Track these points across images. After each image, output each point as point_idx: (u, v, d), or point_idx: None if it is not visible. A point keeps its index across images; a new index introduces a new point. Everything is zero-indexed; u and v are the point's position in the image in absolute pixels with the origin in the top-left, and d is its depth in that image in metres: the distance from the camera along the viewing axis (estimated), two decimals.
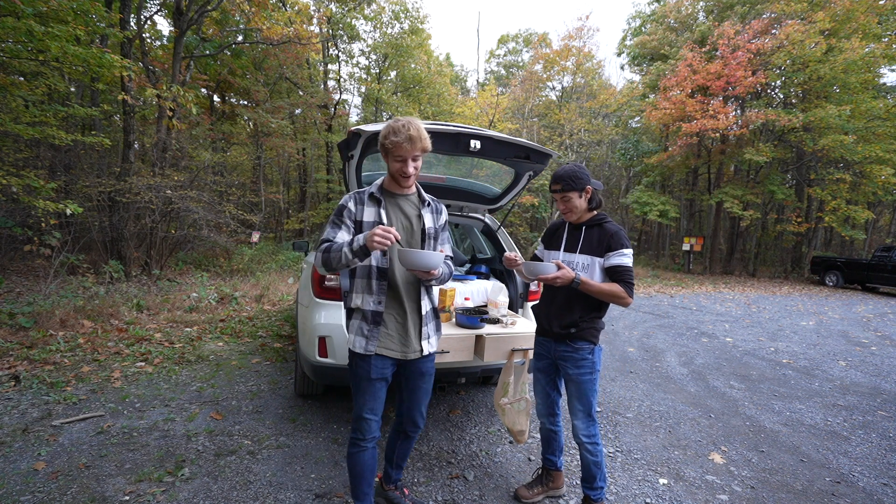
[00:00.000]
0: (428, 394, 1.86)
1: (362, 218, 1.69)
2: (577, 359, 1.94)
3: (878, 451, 2.86)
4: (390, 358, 1.72)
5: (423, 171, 3.16)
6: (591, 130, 18.24)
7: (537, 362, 2.16)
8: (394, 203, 1.75)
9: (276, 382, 3.51)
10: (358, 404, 1.73)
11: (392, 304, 1.72)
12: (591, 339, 1.94)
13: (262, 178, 14.73)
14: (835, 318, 7.98)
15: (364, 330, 1.69)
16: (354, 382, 1.73)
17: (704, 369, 4.49)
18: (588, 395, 1.96)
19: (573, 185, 1.89)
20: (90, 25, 5.19)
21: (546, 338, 2.08)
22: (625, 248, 1.87)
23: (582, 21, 22.88)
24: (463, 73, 28.92)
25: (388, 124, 1.61)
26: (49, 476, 2.15)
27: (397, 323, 1.72)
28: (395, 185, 1.74)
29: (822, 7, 13.09)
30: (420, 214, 1.78)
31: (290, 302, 6.56)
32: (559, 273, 1.81)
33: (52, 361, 3.63)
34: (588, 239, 1.94)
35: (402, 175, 1.66)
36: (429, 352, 1.79)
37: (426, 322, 1.78)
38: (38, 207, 4.83)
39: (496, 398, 2.27)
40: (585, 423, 1.98)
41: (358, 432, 1.74)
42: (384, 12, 15.42)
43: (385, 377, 1.73)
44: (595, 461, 1.99)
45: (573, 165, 1.93)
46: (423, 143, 1.60)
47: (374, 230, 1.45)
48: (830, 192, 13.89)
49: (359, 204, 1.72)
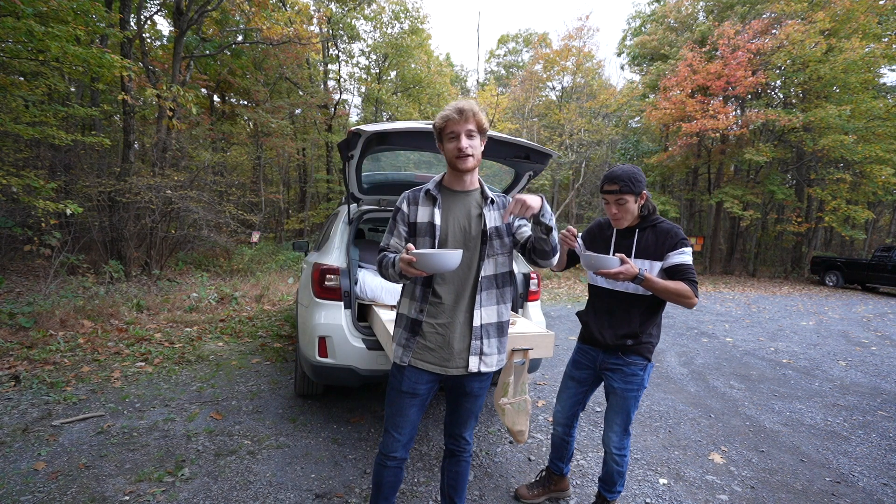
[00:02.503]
0: (473, 416, 1.67)
1: (416, 219, 1.55)
2: (628, 374, 1.81)
3: (878, 451, 2.86)
4: (427, 372, 1.54)
5: (423, 170, 3.17)
6: (591, 130, 18.22)
7: (574, 370, 2.02)
8: (452, 201, 1.57)
9: (276, 382, 3.51)
10: (388, 417, 1.60)
11: (435, 314, 1.54)
12: (646, 354, 1.81)
13: (262, 178, 14.74)
14: (835, 318, 7.98)
15: (402, 339, 1.57)
16: (390, 393, 1.60)
17: (704, 369, 4.49)
18: (630, 411, 1.86)
19: (632, 188, 1.70)
20: (90, 25, 5.19)
21: (593, 347, 1.91)
22: (686, 245, 1.72)
23: (582, 21, 22.84)
24: (463, 73, 28.91)
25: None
26: (49, 476, 2.15)
27: (437, 335, 1.53)
28: (454, 178, 1.57)
29: (822, 7, 13.09)
30: (482, 213, 1.57)
31: (290, 302, 6.56)
32: (623, 268, 1.60)
33: (52, 361, 3.64)
34: (642, 242, 1.77)
35: (458, 155, 1.47)
36: (478, 370, 1.55)
37: (479, 336, 1.55)
38: (38, 207, 4.84)
39: (496, 398, 2.26)
40: (620, 437, 1.91)
41: (384, 446, 1.61)
42: (384, 12, 15.42)
43: (417, 392, 1.55)
44: (620, 471, 1.95)
45: (631, 166, 1.75)
46: (476, 117, 1.44)
47: (402, 256, 1.36)
48: (830, 192, 13.88)
49: (412, 204, 1.57)
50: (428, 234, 1.54)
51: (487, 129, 1.52)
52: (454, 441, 1.70)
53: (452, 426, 1.69)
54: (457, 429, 1.68)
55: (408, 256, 1.33)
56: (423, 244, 1.54)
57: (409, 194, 1.60)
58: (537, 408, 3.34)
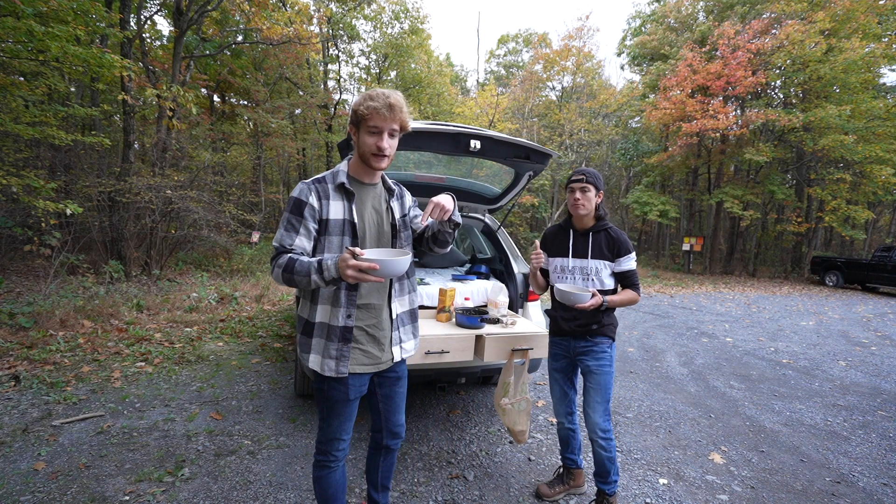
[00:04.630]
0: (404, 398, 1.69)
1: (328, 216, 1.42)
2: (598, 352, 2.03)
3: (878, 451, 2.86)
4: (365, 374, 1.53)
5: (423, 170, 3.16)
6: (591, 130, 18.23)
7: (554, 363, 2.20)
8: (363, 195, 1.50)
9: (276, 382, 3.51)
10: (332, 427, 1.52)
11: (364, 316, 1.49)
12: (610, 334, 2.05)
13: (262, 178, 14.73)
14: (835, 318, 7.98)
15: (332, 350, 1.44)
16: (327, 405, 1.51)
17: (704, 369, 4.49)
18: (608, 387, 2.03)
19: (595, 182, 1.99)
20: (90, 25, 5.19)
21: (563, 337, 2.13)
22: (631, 252, 2.02)
23: (582, 21, 22.90)
24: (463, 73, 28.92)
25: (363, 93, 1.40)
26: (49, 476, 2.15)
27: (368, 335, 1.50)
28: (364, 170, 1.49)
29: (822, 7, 13.09)
30: (389, 206, 1.56)
31: (290, 302, 6.56)
32: (594, 301, 1.90)
33: (52, 361, 3.64)
34: (596, 244, 2.04)
35: (376, 153, 1.39)
36: (402, 358, 1.60)
37: (398, 326, 1.58)
38: (38, 207, 4.84)
39: (496, 398, 2.27)
40: (603, 418, 2.03)
41: (329, 454, 1.55)
42: (384, 12, 15.43)
43: (363, 394, 1.57)
44: (609, 457, 2.02)
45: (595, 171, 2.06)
46: (402, 115, 1.37)
47: (347, 260, 1.20)
48: (830, 192, 13.87)
49: (323, 198, 1.42)
50: (345, 233, 1.44)
51: (409, 128, 1.44)
52: (393, 437, 1.69)
53: (390, 418, 1.67)
54: (394, 418, 1.67)
55: (366, 264, 1.19)
56: (339, 242, 1.43)
57: (315, 186, 1.43)
58: (537, 408, 3.34)
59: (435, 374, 2.56)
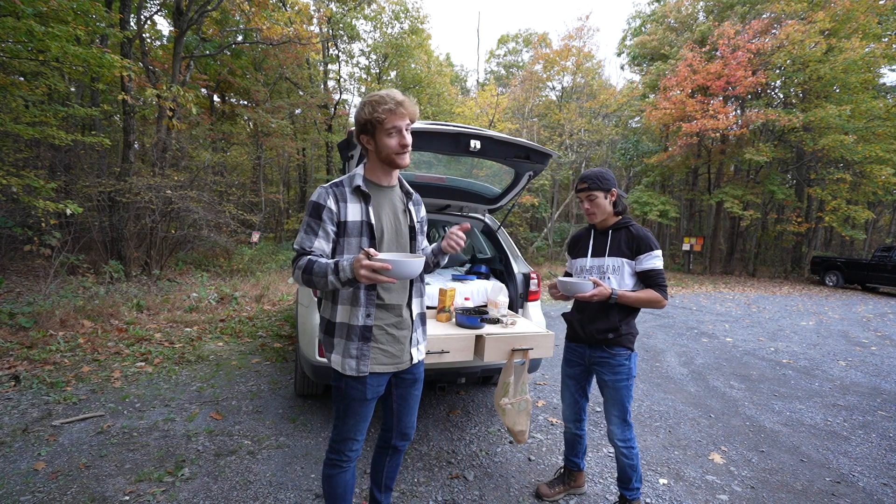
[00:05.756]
0: (418, 401, 1.71)
1: (346, 218, 1.45)
2: (614, 365, 1.94)
3: (878, 451, 2.86)
4: (384, 374, 1.55)
5: (423, 170, 3.16)
6: (591, 130, 18.22)
7: (568, 368, 2.15)
8: (380, 198, 1.52)
9: (276, 382, 3.51)
10: (347, 426, 1.53)
11: (382, 315, 1.51)
12: (628, 345, 1.95)
13: (262, 178, 14.73)
14: (835, 318, 7.98)
15: (352, 350, 1.46)
16: (344, 404, 1.52)
17: (704, 369, 4.49)
18: (624, 401, 1.96)
19: (599, 185, 1.91)
20: (90, 25, 5.19)
21: (580, 343, 2.07)
22: (654, 249, 1.88)
23: (582, 21, 22.92)
24: (463, 73, 28.91)
25: (364, 100, 1.42)
26: (49, 476, 2.15)
27: (388, 335, 1.53)
28: (381, 173, 1.52)
29: (822, 7, 13.10)
30: (407, 209, 1.59)
31: (290, 302, 6.56)
32: (596, 291, 1.82)
33: (52, 361, 3.64)
34: (615, 242, 1.95)
35: (400, 152, 1.43)
36: (418, 360, 1.64)
37: (415, 328, 1.62)
38: (38, 207, 4.84)
39: (496, 398, 2.27)
40: (621, 429, 1.98)
41: (342, 454, 1.56)
42: (384, 12, 15.42)
43: (380, 394, 1.57)
44: (631, 464, 1.99)
45: (600, 168, 1.93)
46: (412, 107, 1.42)
47: (361, 260, 1.23)
48: (830, 192, 13.88)
49: (341, 201, 1.45)
50: (363, 234, 1.46)
51: (417, 116, 1.47)
52: (402, 437, 1.70)
53: (402, 419, 1.68)
54: (406, 419, 1.68)
55: (379, 264, 1.21)
56: (357, 244, 1.46)
57: (333, 190, 1.46)
58: (537, 408, 3.34)
59: (435, 374, 2.56)
